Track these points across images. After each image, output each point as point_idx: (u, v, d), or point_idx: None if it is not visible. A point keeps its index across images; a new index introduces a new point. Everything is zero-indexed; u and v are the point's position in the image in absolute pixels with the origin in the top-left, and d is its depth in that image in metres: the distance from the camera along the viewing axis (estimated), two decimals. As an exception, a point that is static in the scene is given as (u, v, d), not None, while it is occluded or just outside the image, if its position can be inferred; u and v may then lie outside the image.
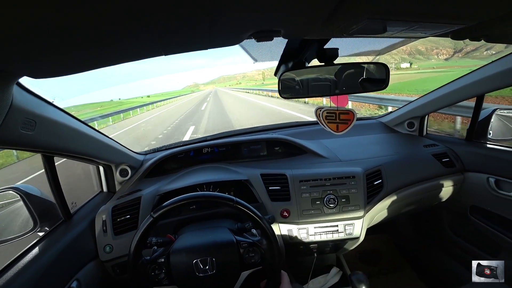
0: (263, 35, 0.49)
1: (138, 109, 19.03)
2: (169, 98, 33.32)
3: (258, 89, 28.06)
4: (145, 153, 1.54)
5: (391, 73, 0.83)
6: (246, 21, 0.46)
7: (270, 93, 19.73)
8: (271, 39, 0.51)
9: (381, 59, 0.92)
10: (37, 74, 0.52)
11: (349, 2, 0.44)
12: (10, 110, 0.62)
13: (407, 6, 0.49)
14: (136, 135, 9.24)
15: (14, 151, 6.30)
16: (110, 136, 1.22)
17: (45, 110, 0.76)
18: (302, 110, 9.39)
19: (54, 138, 0.84)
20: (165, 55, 0.53)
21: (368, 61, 0.88)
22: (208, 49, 0.56)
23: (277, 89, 0.82)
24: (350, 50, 0.92)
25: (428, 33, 0.70)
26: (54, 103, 0.82)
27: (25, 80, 0.66)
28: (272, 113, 10.02)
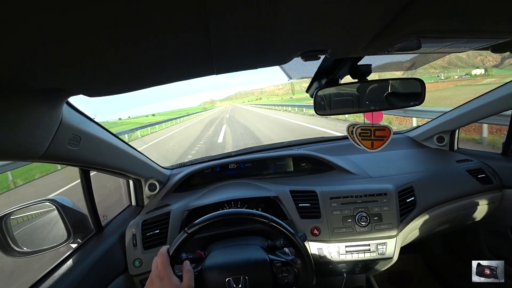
0: (311, 55, 0.50)
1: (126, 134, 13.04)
2: (169, 120, 24.58)
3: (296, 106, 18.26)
4: (172, 168, 1.56)
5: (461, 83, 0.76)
6: (297, 42, 0.46)
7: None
8: (318, 59, 0.52)
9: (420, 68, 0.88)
10: (92, 92, 0.55)
11: (399, 21, 0.44)
12: (60, 127, 0.65)
13: (456, 24, 0.48)
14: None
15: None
16: (140, 151, 1.25)
17: (88, 126, 0.80)
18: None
19: (95, 153, 0.87)
20: (216, 74, 0.54)
21: (401, 74, 0.87)
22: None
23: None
24: (383, 65, 0.92)
25: (470, 47, 0.69)
26: (95, 119, 0.86)
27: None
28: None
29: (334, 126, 8.99)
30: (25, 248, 0.96)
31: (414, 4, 0.39)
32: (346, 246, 1.10)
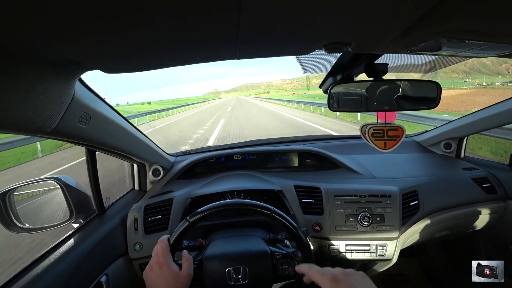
0: (335, 47, 0.49)
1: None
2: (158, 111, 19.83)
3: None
4: (176, 155, 1.56)
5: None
6: (324, 32, 0.45)
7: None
8: (341, 51, 0.51)
9: (440, 71, 0.87)
10: (109, 68, 0.54)
11: (429, 19, 0.43)
12: (72, 103, 0.64)
13: (486, 26, 0.47)
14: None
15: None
16: (146, 135, 1.24)
17: (98, 106, 0.79)
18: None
19: (104, 134, 0.87)
20: (238, 59, 0.53)
21: (419, 77, 0.85)
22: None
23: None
24: (401, 66, 0.90)
25: (495, 53, 0.67)
26: (106, 99, 0.85)
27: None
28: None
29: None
30: (27, 225, 0.96)
31: (446, 2, 0.38)
32: (346, 245, 1.10)
